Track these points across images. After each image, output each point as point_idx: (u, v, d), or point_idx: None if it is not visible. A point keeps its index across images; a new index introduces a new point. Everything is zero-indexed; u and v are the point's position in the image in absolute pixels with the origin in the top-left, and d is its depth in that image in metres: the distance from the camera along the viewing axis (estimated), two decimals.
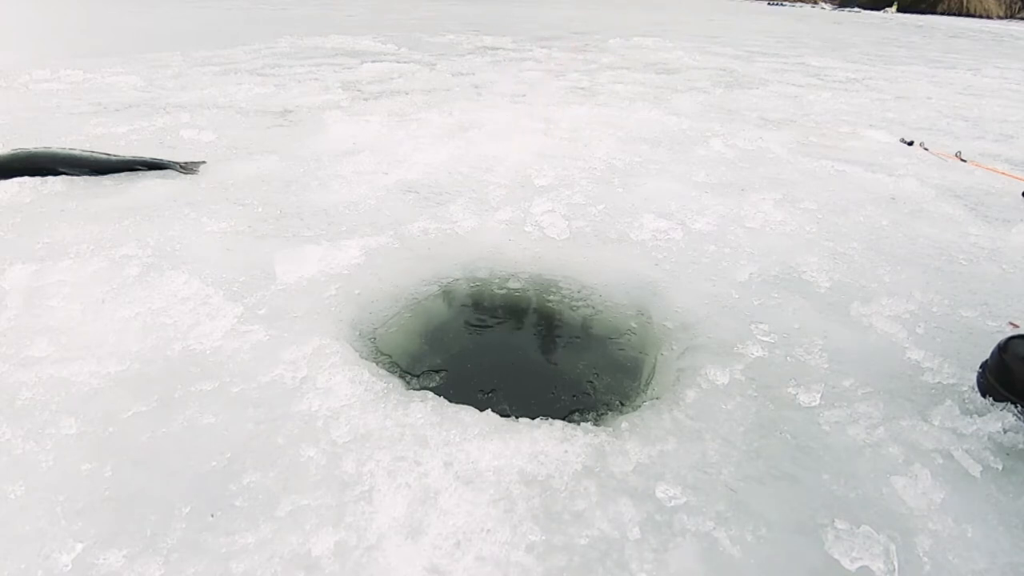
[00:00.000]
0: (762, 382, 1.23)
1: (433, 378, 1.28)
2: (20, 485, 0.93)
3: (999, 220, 2.23)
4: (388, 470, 0.97)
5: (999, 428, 1.11)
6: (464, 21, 9.76)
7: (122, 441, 1.02)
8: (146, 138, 2.84)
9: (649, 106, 3.94)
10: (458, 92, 4.19)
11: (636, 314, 1.51)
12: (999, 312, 1.56)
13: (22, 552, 0.83)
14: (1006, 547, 0.90)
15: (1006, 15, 42.19)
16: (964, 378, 1.26)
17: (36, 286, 1.47)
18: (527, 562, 0.84)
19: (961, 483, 1.00)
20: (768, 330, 1.40)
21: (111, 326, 1.32)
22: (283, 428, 1.06)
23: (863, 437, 1.09)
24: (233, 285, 1.51)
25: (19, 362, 1.20)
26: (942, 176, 2.73)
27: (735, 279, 1.65)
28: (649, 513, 0.92)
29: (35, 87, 3.84)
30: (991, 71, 5.99)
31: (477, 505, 0.92)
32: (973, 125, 3.83)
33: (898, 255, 1.87)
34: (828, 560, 0.86)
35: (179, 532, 0.87)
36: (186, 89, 3.95)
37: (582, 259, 1.73)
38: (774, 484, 0.99)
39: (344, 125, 3.15)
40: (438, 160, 2.63)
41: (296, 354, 1.24)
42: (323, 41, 6.62)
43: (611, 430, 1.08)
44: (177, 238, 1.77)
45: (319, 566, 0.83)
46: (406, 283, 1.60)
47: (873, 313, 1.51)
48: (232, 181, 2.29)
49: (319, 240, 1.79)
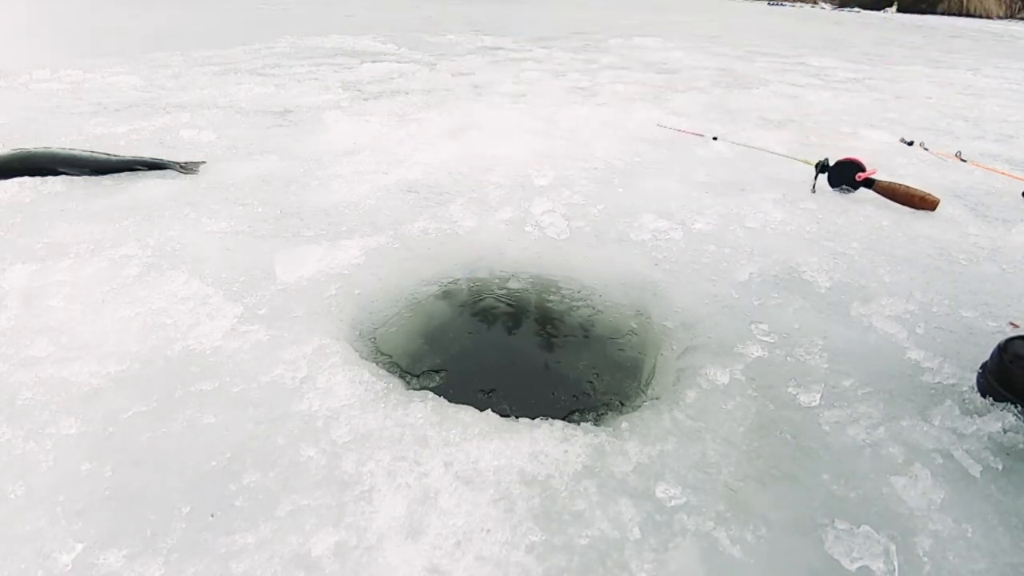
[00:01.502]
0: (762, 382, 1.23)
1: (433, 378, 1.28)
2: (20, 485, 0.93)
3: (999, 220, 2.23)
4: (388, 470, 0.97)
5: (999, 428, 1.11)
6: (464, 21, 9.76)
7: (122, 441, 1.02)
8: (146, 138, 2.84)
9: (649, 106, 3.94)
10: (458, 92, 4.19)
11: (636, 314, 1.51)
12: (999, 312, 1.56)
13: (22, 552, 0.83)
14: (1006, 547, 0.90)
15: (1006, 15, 42.18)
16: (964, 378, 1.26)
17: (36, 286, 1.47)
18: (527, 562, 0.84)
19: (961, 483, 1.00)
20: (768, 330, 1.40)
21: (111, 326, 1.32)
22: (283, 428, 1.06)
23: (863, 437, 1.09)
24: (233, 285, 1.51)
25: (19, 362, 1.20)
26: (942, 176, 2.73)
27: (735, 279, 1.65)
28: (649, 513, 0.92)
29: (35, 87, 3.84)
30: (991, 71, 5.99)
31: (477, 505, 0.92)
32: (973, 125, 3.83)
33: (898, 255, 1.87)
34: (828, 560, 0.86)
35: (179, 532, 0.87)
36: (186, 89, 3.95)
37: (582, 259, 1.73)
38: (774, 484, 0.99)
39: (344, 125, 3.15)
40: (438, 160, 2.63)
41: (296, 354, 1.24)
42: (323, 41, 6.62)
43: (611, 430, 1.08)
44: (177, 238, 1.77)
45: (319, 566, 0.83)
46: (406, 283, 1.60)
47: (873, 313, 1.51)
48: (232, 181, 2.29)
49: (319, 240, 1.79)
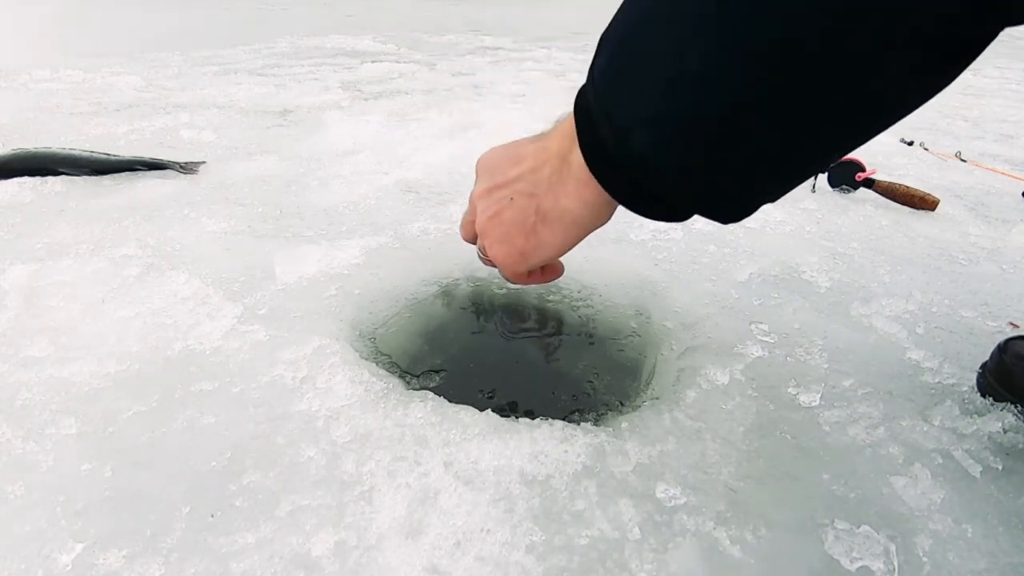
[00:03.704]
0: (762, 382, 1.23)
1: (433, 378, 1.28)
2: (20, 485, 0.93)
3: (999, 220, 2.23)
4: (388, 470, 0.97)
5: (999, 428, 1.11)
6: (464, 21, 9.76)
7: (122, 441, 1.02)
8: (146, 138, 2.84)
9: None
10: (458, 92, 4.19)
11: (636, 314, 1.51)
12: (999, 312, 1.56)
13: (22, 552, 0.83)
14: (1006, 547, 0.90)
15: None
16: (964, 378, 1.26)
17: (36, 286, 1.47)
18: (527, 562, 0.84)
19: (961, 483, 1.00)
20: (768, 330, 1.40)
21: (111, 326, 1.32)
22: (283, 428, 1.06)
23: (863, 437, 1.09)
24: (233, 285, 1.51)
25: (19, 362, 1.20)
26: (942, 176, 2.73)
27: (735, 279, 1.65)
28: (649, 513, 0.92)
29: (35, 87, 3.84)
30: (991, 71, 5.99)
31: (477, 505, 0.92)
32: (973, 125, 3.83)
33: (898, 255, 1.87)
34: (828, 560, 0.86)
35: (179, 532, 0.87)
36: (186, 89, 3.95)
37: (582, 259, 1.73)
38: (774, 484, 0.99)
39: (344, 125, 3.15)
40: (438, 160, 2.63)
41: (296, 354, 1.24)
42: (323, 41, 6.62)
43: (611, 430, 1.08)
44: (177, 238, 1.77)
45: (319, 566, 0.83)
46: (406, 283, 1.60)
47: (873, 313, 1.51)
48: (232, 181, 2.29)
49: (319, 240, 1.79)
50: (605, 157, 0.57)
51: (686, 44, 0.46)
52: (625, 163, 0.55)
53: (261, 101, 3.71)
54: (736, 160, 0.50)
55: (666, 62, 0.48)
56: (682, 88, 0.47)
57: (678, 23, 0.47)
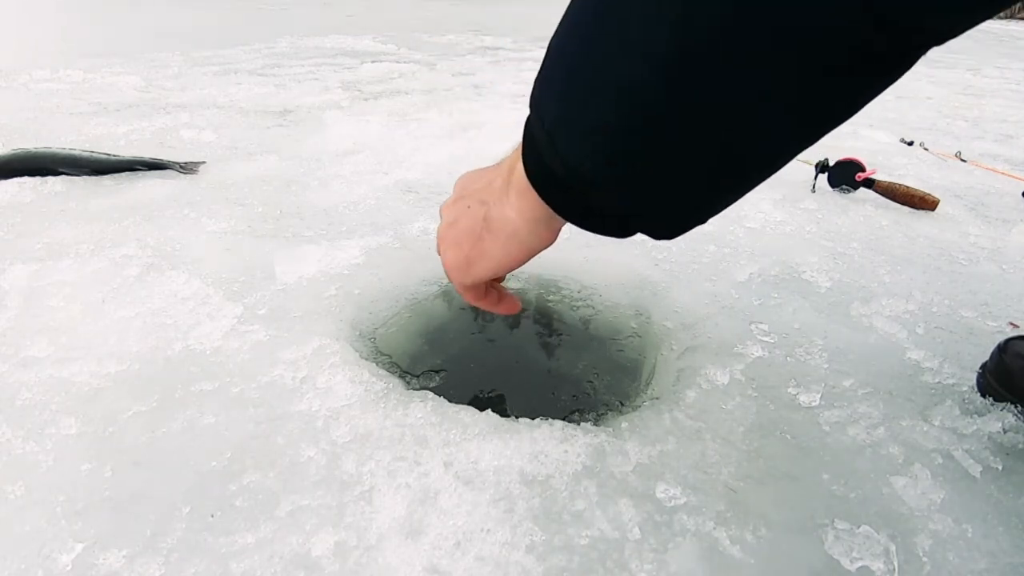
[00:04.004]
0: (762, 382, 1.23)
1: (433, 378, 1.28)
2: (20, 485, 0.93)
3: (999, 220, 2.23)
4: (388, 470, 0.97)
5: (999, 428, 1.11)
6: (464, 21, 9.76)
7: (122, 441, 1.02)
8: (146, 138, 2.84)
9: None
10: (458, 92, 4.19)
11: (636, 314, 1.51)
12: (999, 312, 1.56)
13: (22, 552, 0.83)
14: (1006, 547, 0.90)
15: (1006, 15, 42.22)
16: (964, 378, 1.26)
17: (36, 286, 1.47)
18: (527, 562, 0.84)
19: (961, 483, 1.00)
20: (768, 330, 1.40)
21: (111, 326, 1.32)
22: (283, 428, 1.06)
23: (863, 437, 1.09)
24: (233, 285, 1.51)
25: (19, 362, 1.20)
26: (942, 176, 2.73)
27: (735, 279, 1.65)
28: (649, 513, 0.92)
29: (35, 87, 3.84)
30: (991, 71, 5.99)
31: (477, 505, 0.92)
32: (973, 125, 3.83)
33: (898, 255, 1.87)
34: (828, 560, 0.86)
35: (179, 532, 0.87)
36: (186, 89, 3.95)
37: (582, 259, 1.73)
38: (774, 484, 0.99)
39: (344, 125, 3.15)
40: (438, 160, 2.63)
41: (296, 354, 1.24)
42: (323, 41, 6.62)
43: (611, 430, 1.08)
44: (177, 238, 1.77)
45: (319, 566, 0.83)
46: (406, 283, 1.60)
47: (873, 313, 1.51)
48: (232, 181, 2.29)
49: (319, 240, 1.79)
50: (540, 164, 0.57)
51: (607, 52, 0.46)
52: (556, 170, 0.54)
53: (261, 101, 3.71)
54: (653, 171, 0.49)
55: (585, 70, 0.48)
56: (604, 95, 0.47)
57: (602, 31, 0.46)
